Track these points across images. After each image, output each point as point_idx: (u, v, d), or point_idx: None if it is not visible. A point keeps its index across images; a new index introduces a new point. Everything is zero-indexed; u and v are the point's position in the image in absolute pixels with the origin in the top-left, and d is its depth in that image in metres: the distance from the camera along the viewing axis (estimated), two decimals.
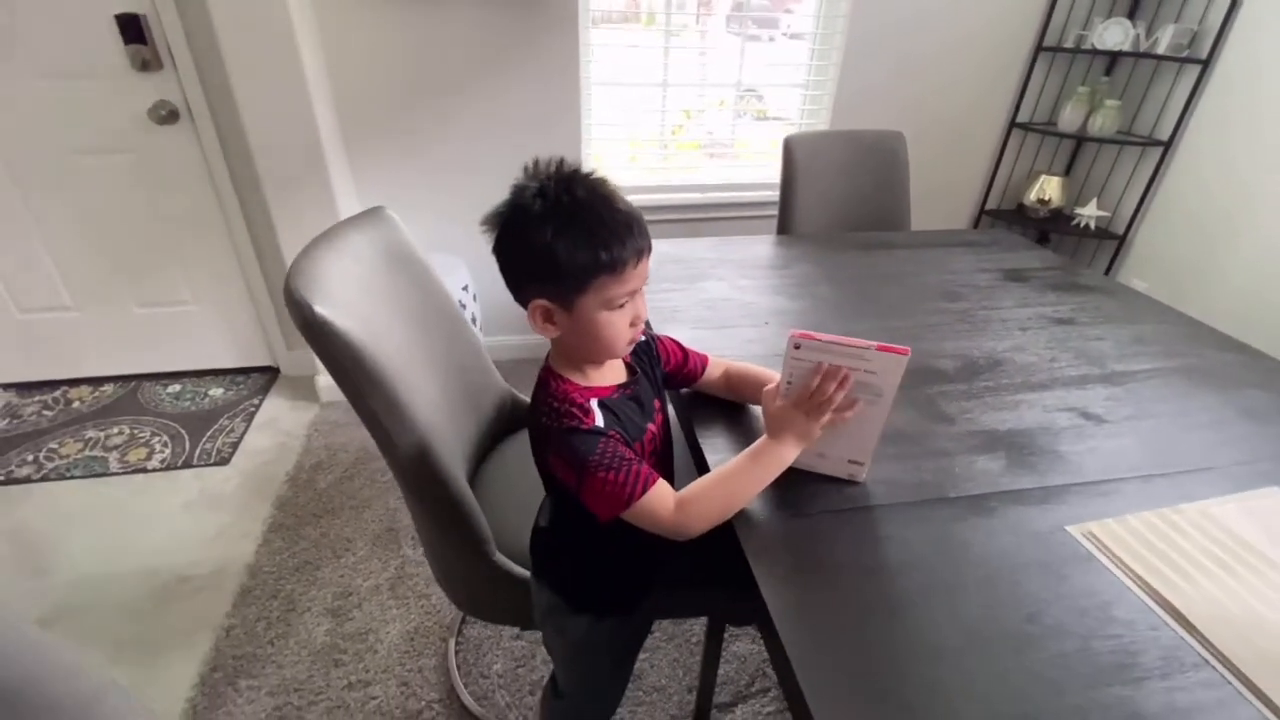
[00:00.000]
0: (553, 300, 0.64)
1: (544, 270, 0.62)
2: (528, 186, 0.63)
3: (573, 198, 0.61)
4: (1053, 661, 0.52)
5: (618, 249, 0.61)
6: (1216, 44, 1.87)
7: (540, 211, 0.61)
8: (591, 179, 0.64)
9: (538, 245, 0.61)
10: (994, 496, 0.70)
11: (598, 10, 1.93)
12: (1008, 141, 2.28)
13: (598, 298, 0.63)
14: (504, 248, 0.64)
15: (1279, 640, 0.55)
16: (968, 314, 1.14)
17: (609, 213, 0.62)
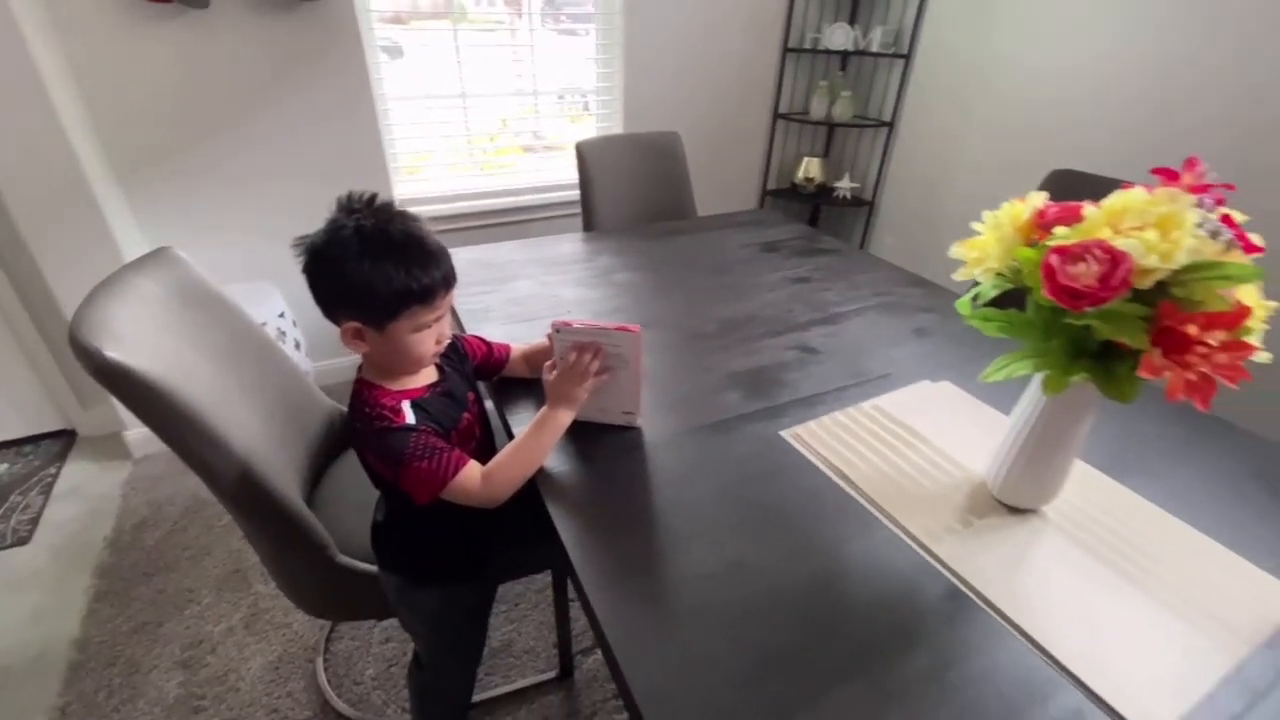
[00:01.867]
0: (365, 323, 0.72)
1: (359, 299, 0.70)
2: (345, 223, 0.69)
3: (388, 234, 0.69)
4: (768, 520, 0.74)
5: (428, 281, 0.71)
6: (912, 40, 2.33)
7: (358, 247, 0.68)
8: (405, 216, 0.72)
9: (354, 277, 0.68)
10: (734, 420, 0.92)
11: (391, 10, 1.95)
12: (774, 131, 2.66)
13: (409, 323, 0.72)
14: (318, 275, 0.71)
15: (914, 490, 0.80)
16: (732, 284, 1.39)
17: (421, 248, 0.71)
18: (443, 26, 2.05)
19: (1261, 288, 0.57)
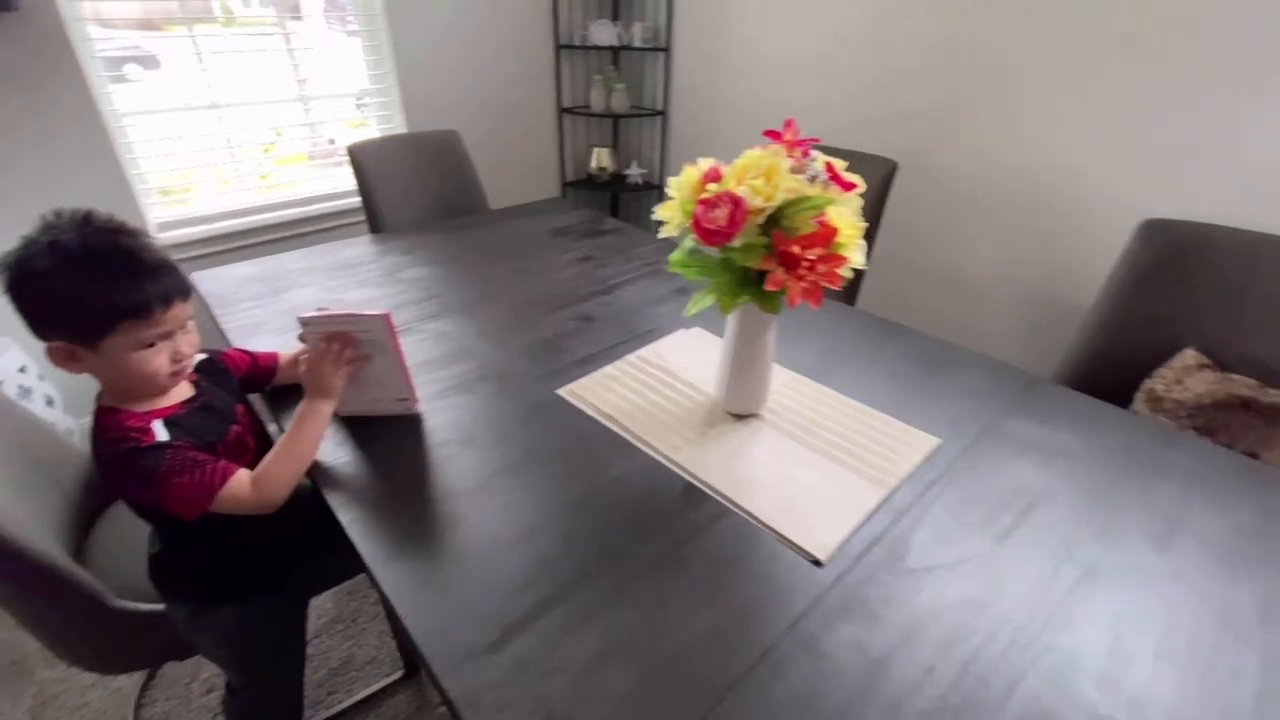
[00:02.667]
0: (73, 341, 0.69)
1: (59, 315, 0.67)
2: (39, 239, 0.66)
3: (90, 248, 0.66)
4: (541, 462, 0.83)
5: (140, 295, 0.68)
6: (669, 36, 2.57)
7: (53, 262, 0.65)
8: (118, 230, 0.69)
9: (52, 293, 0.65)
10: (516, 381, 1.01)
11: (135, 14, 1.76)
12: (563, 124, 2.78)
13: (126, 339, 0.69)
14: (16, 295, 0.67)
15: (664, 416, 0.95)
16: (522, 268, 1.47)
17: (131, 261, 0.68)
18: (205, 32, 1.88)
19: (859, 211, 0.77)
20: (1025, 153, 1.77)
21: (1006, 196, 1.85)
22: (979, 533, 0.75)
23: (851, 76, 2.08)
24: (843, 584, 0.68)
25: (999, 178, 1.84)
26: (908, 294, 2.17)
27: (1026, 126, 1.75)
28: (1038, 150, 1.75)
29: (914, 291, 2.15)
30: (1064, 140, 1.69)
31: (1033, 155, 1.76)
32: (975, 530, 0.75)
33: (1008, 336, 1.97)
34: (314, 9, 2.19)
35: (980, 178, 1.89)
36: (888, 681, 0.59)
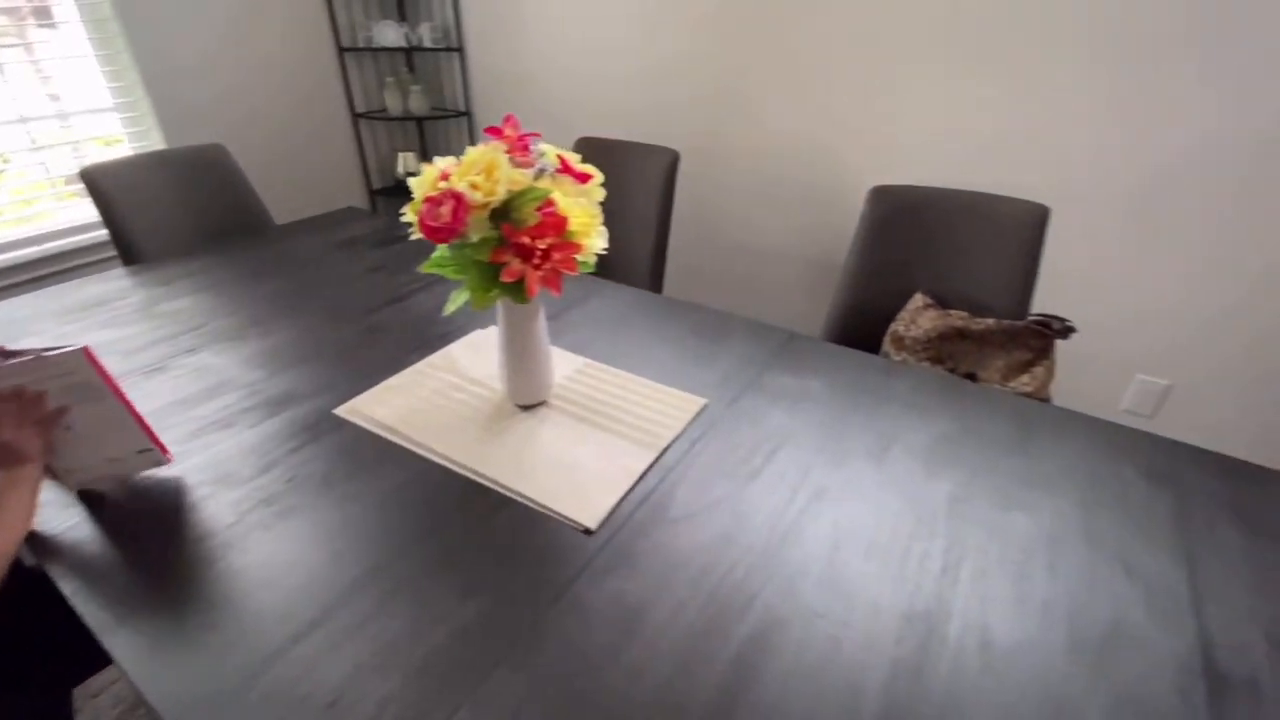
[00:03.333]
0: None
1: None
2: None
3: None
4: (315, 483, 0.80)
5: None
6: (460, 35, 2.53)
7: None
8: None
9: None
10: (288, 406, 0.95)
11: None
12: (359, 130, 2.64)
13: None
14: None
15: (450, 418, 0.94)
16: (307, 285, 1.38)
17: None
18: None
19: (597, 200, 0.82)
20: (790, 132, 1.97)
21: (779, 173, 2.05)
22: (732, 477, 0.83)
23: (641, 69, 2.18)
24: (611, 545, 0.73)
25: (772, 156, 2.04)
26: (711, 273, 2.33)
27: (790, 109, 1.95)
28: (801, 130, 1.95)
29: (716, 270, 2.32)
30: (818, 120, 1.91)
31: (796, 135, 1.97)
32: (729, 476, 0.84)
33: (794, 300, 2.19)
34: (69, 14, 1.87)
35: (757, 157, 2.07)
36: (644, 623, 0.64)
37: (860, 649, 0.62)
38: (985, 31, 1.61)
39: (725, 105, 2.06)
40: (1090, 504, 0.80)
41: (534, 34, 2.37)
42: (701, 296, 2.34)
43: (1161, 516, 0.79)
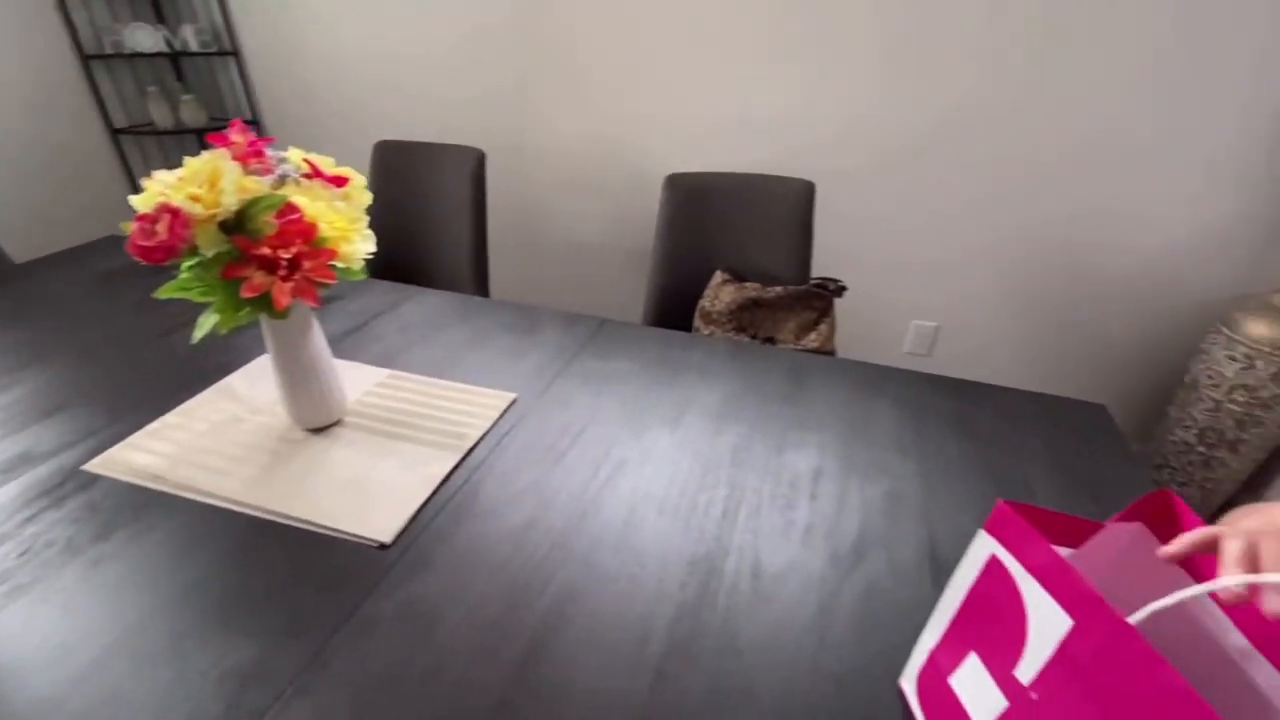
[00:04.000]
0: None
1: None
2: None
3: None
4: (46, 564, 0.70)
5: None
6: (233, 38, 2.30)
7: None
8: None
9: None
10: (20, 467, 0.83)
11: None
12: (122, 148, 2.32)
13: None
14: None
15: (225, 458, 0.87)
16: (61, 323, 1.20)
17: None
18: None
19: (360, 204, 0.79)
20: (593, 125, 2.03)
21: (586, 166, 2.10)
22: (538, 464, 0.86)
23: (438, 66, 2.12)
24: (409, 555, 0.72)
25: (577, 150, 2.09)
26: (539, 271, 2.34)
27: (591, 102, 2.01)
28: (602, 122, 2.02)
29: (544, 267, 2.34)
30: (617, 112, 1.98)
31: (594, 129, 2.03)
32: (536, 463, 0.86)
33: (620, 289, 2.27)
34: None
35: (562, 154, 2.11)
36: (440, 625, 0.64)
37: (649, 601, 0.67)
38: (764, 19, 1.76)
39: (523, 103, 2.07)
40: (848, 437, 0.92)
41: (319, 35, 2.21)
42: (533, 295, 2.34)
43: (903, 437, 0.92)
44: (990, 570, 0.50)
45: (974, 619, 0.52)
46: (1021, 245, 1.78)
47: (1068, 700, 0.42)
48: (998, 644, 0.49)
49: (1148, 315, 1.75)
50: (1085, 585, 0.42)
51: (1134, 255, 1.70)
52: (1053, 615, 0.44)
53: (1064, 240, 1.74)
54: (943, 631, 0.55)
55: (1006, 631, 0.47)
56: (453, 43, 2.05)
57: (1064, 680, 0.43)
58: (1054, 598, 0.44)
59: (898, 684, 0.59)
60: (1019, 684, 0.46)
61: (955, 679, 0.52)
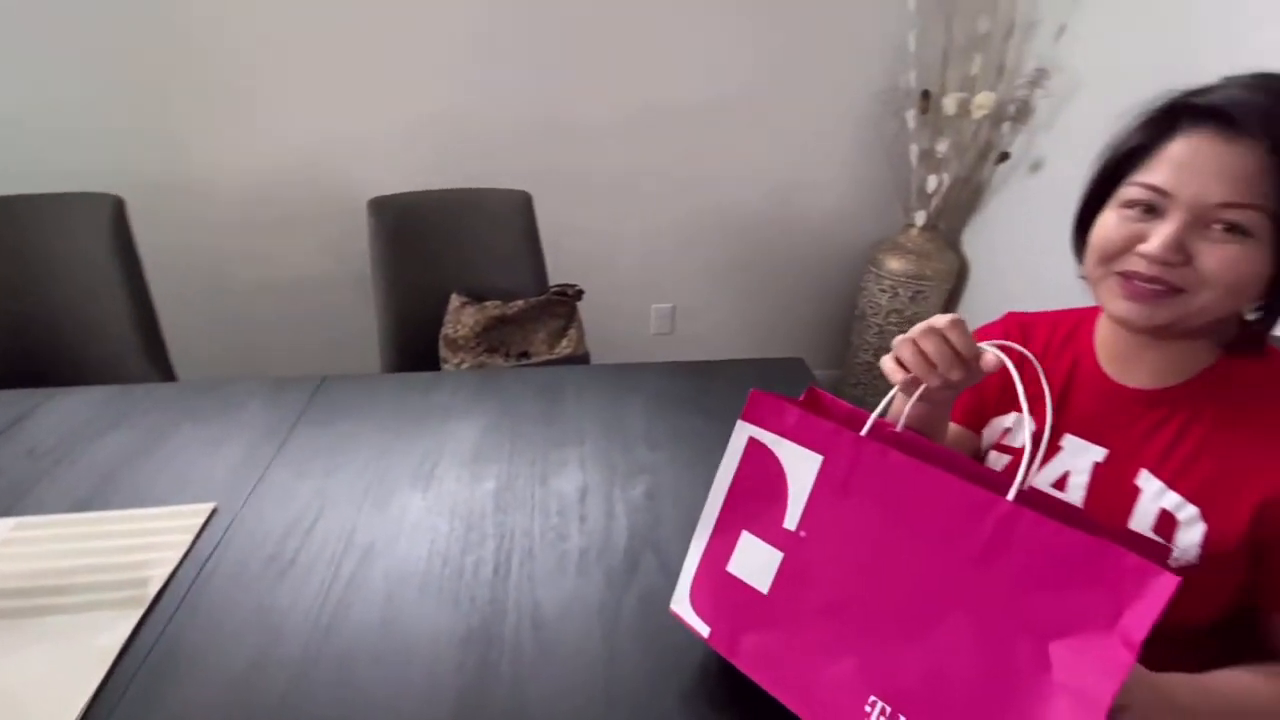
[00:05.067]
0: None
1: None
2: None
3: None
4: None
5: None
6: None
7: None
8: None
9: None
10: None
11: None
12: None
13: None
14: None
15: None
16: None
17: None
18: None
19: None
20: (269, 152, 1.75)
21: (276, 198, 1.81)
22: (258, 584, 0.70)
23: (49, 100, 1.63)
24: None
25: (258, 182, 1.79)
26: (235, 328, 1.97)
27: (261, 127, 1.72)
28: (280, 148, 1.75)
29: (241, 322, 1.97)
30: (297, 134, 1.74)
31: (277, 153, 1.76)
32: (255, 584, 0.70)
33: (344, 328, 2.00)
34: None
35: (241, 186, 1.79)
36: None
37: (422, 700, 0.58)
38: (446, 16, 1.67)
39: (171, 134, 1.70)
40: (605, 443, 0.93)
41: None
42: (242, 362, 1.98)
43: (652, 430, 0.96)
44: (749, 453, 0.57)
45: (740, 503, 0.57)
46: (723, 222, 2.00)
47: (834, 524, 0.51)
48: (765, 511, 0.55)
49: (824, 266, 2.11)
50: (826, 423, 0.52)
51: (809, 219, 2.02)
52: (805, 460, 0.53)
53: (755, 213, 1.99)
54: (711, 531, 0.58)
55: (771, 497, 0.54)
56: (71, 70, 1.60)
57: (827, 509, 0.52)
58: (804, 446, 0.53)
59: (670, 610, 0.60)
60: (788, 533, 0.53)
61: (733, 564, 0.56)
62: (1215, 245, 0.49)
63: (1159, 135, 0.52)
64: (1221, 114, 0.48)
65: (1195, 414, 0.56)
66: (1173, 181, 0.50)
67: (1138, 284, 0.52)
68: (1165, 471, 0.57)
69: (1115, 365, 0.62)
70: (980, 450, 0.73)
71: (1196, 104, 0.50)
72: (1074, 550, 0.41)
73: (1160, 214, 0.51)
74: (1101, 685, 0.39)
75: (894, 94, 1.81)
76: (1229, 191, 0.47)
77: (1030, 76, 1.62)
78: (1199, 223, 0.49)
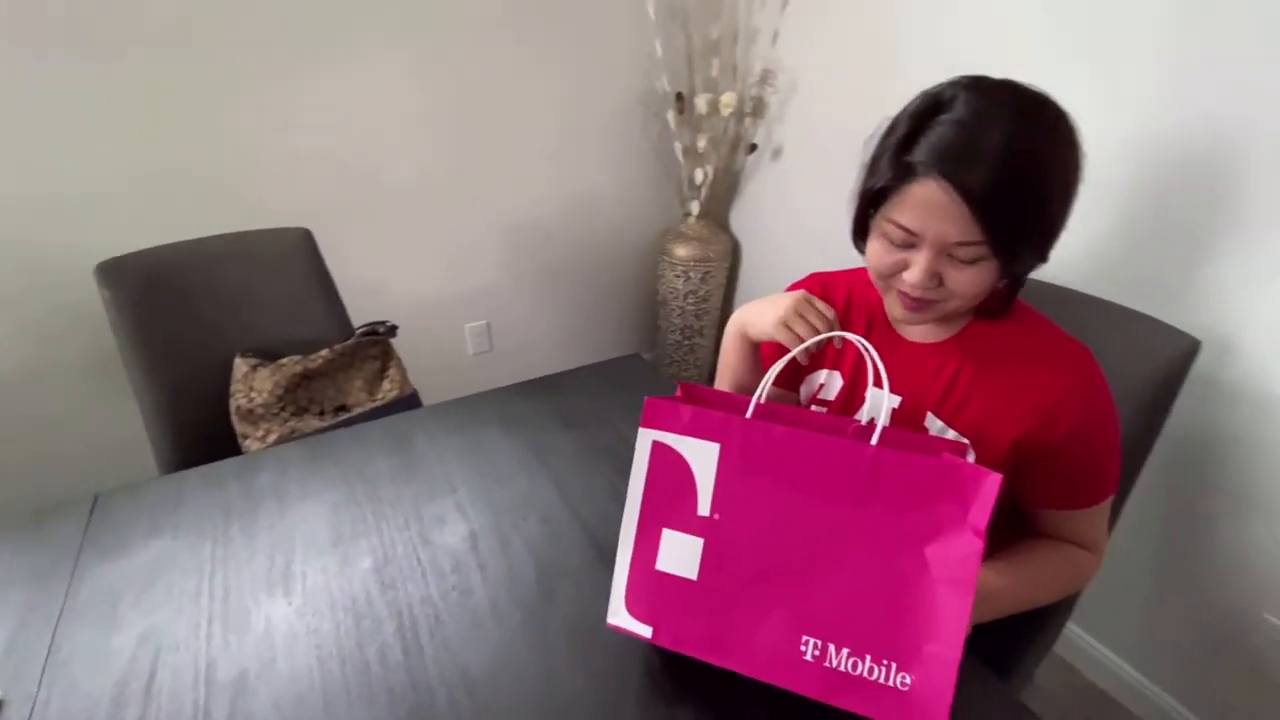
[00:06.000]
0: None
1: None
2: None
3: None
4: None
5: None
6: None
7: None
8: None
9: None
10: None
11: None
12: None
13: None
14: None
15: None
16: None
17: None
18: None
19: None
20: None
21: None
22: None
23: None
24: None
25: None
26: None
27: None
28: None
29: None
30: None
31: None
32: None
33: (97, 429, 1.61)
34: None
35: None
36: None
37: None
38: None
39: None
40: (479, 483, 0.89)
41: None
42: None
43: (523, 455, 0.95)
44: (655, 456, 0.61)
45: (655, 504, 0.61)
46: (522, 233, 1.99)
47: (742, 500, 0.58)
48: (679, 505, 0.60)
49: (621, 261, 2.23)
50: (717, 414, 0.59)
51: (600, 220, 2.11)
52: (705, 450, 0.59)
53: (551, 220, 2.02)
54: (634, 538, 0.62)
55: (682, 491, 0.60)
56: None
57: (732, 489, 0.59)
58: (701, 438, 0.59)
59: (608, 625, 0.62)
60: (704, 519, 0.59)
61: (661, 562, 0.60)
62: (959, 269, 0.62)
63: (900, 176, 0.60)
64: (940, 165, 0.57)
65: (963, 364, 0.72)
66: (918, 224, 0.60)
67: (908, 299, 0.66)
68: (945, 413, 0.72)
69: (899, 323, 0.78)
70: (800, 405, 0.87)
71: (916, 162, 0.59)
72: (927, 473, 0.53)
73: (915, 245, 0.63)
74: (967, 568, 0.51)
75: (653, 97, 1.96)
76: (960, 232, 0.59)
77: (759, 77, 1.89)
78: (943, 253, 0.62)
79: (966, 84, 0.61)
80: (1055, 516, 0.73)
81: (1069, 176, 0.61)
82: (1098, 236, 1.15)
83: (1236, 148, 0.98)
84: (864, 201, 0.67)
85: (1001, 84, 0.60)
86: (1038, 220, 0.60)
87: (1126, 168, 1.11)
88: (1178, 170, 1.06)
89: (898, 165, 0.61)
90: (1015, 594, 0.69)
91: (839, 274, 0.86)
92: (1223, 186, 1.01)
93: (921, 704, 0.51)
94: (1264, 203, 0.97)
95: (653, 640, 0.60)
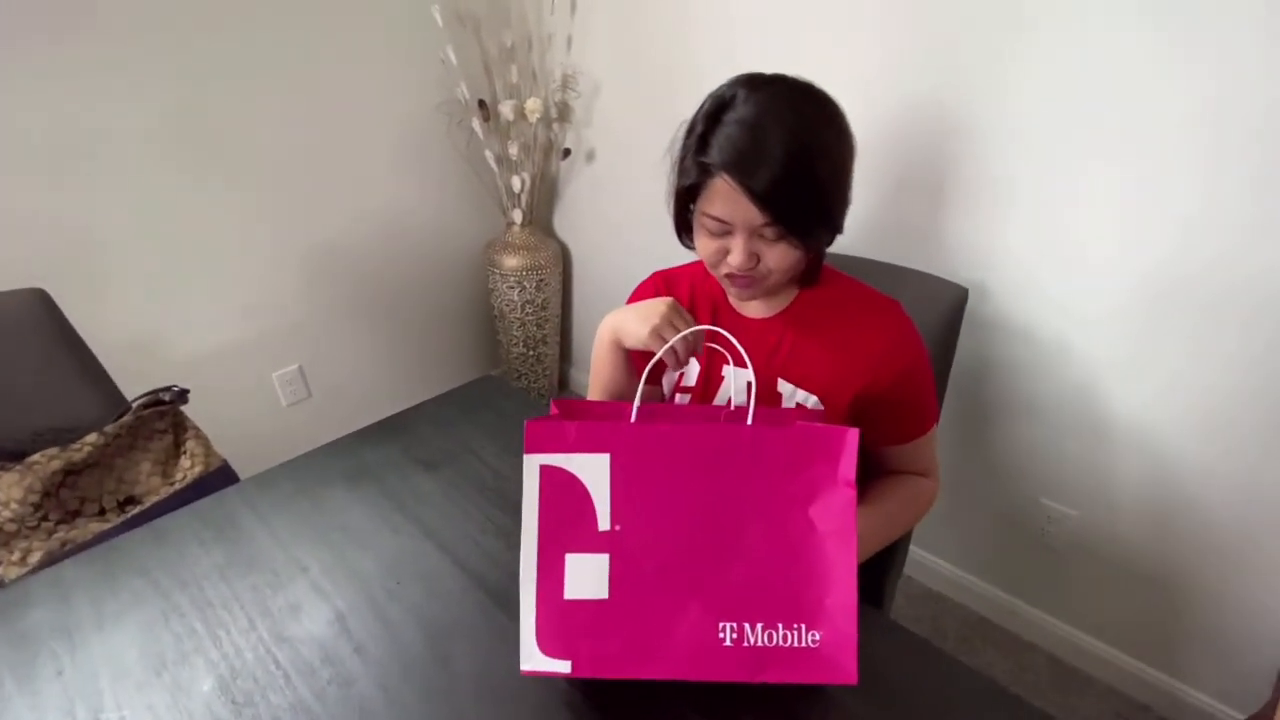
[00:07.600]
0: None
1: None
2: None
3: None
4: None
5: None
6: None
7: None
8: None
9: None
10: None
11: None
12: None
13: None
14: None
15: None
16: None
17: None
18: None
19: None
20: None
21: None
22: None
23: None
24: None
25: None
26: None
27: None
28: None
29: None
30: None
31: None
32: None
33: None
34: None
35: None
36: None
37: None
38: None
39: None
40: (336, 555, 0.79)
41: None
42: None
43: (382, 508, 0.85)
44: (545, 481, 0.58)
45: (553, 531, 0.58)
46: (329, 263, 1.79)
47: (639, 505, 0.58)
48: (578, 526, 0.58)
49: (447, 278, 2.10)
50: (602, 424, 0.58)
51: (417, 238, 1.97)
52: (596, 463, 0.58)
53: (360, 246, 1.84)
54: (535, 574, 0.58)
55: (578, 511, 0.58)
56: None
57: (629, 496, 0.58)
58: (590, 452, 0.58)
59: (523, 672, 0.57)
60: (605, 534, 0.58)
61: (568, 590, 0.58)
62: (770, 246, 0.69)
63: (704, 174, 0.67)
64: (728, 169, 0.64)
65: (799, 332, 0.80)
66: (727, 213, 0.67)
67: (738, 279, 0.72)
68: (792, 376, 0.80)
69: (739, 303, 0.83)
70: (666, 397, 0.90)
71: (711, 163, 0.65)
72: (798, 441, 0.57)
73: (731, 232, 0.69)
74: (846, 519, 0.56)
75: (454, 105, 1.87)
76: (760, 217, 0.66)
77: (560, 82, 1.89)
78: (754, 234, 0.68)
79: (743, 81, 0.68)
80: (895, 452, 0.83)
81: (842, 158, 0.70)
82: (873, 207, 1.34)
83: (961, 121, 1.19)
84: (679, 199, 0.73)
85: (773, 79, 0.68)
86: (820, 203, 0.68)
87: (886, 140, 1.29)
88: (920, 143, 1.26)
89: (698, 166, 0.67)
90: (885, 530, 0.78)
91: (679, 269, 0.89)
92: (961, 154, 1.22)
93: (833, 654, 0.55)
94: (995, 170, 1.19)
95: (573, 674, 0.57)
